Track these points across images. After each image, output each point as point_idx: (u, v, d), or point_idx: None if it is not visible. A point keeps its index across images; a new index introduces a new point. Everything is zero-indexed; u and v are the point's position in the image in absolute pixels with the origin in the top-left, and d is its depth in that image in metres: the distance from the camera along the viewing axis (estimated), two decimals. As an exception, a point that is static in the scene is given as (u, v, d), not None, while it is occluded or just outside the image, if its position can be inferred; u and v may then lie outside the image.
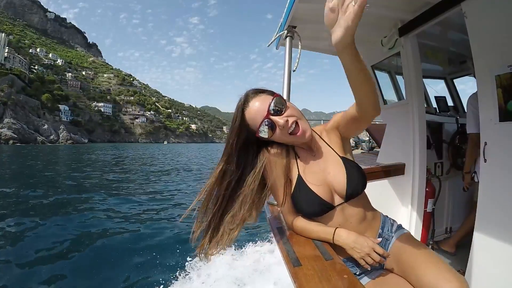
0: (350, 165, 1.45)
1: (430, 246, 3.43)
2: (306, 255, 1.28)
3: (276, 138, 1.41)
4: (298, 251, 1.32)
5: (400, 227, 1.59)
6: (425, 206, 3.35)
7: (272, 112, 1.35)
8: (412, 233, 3.00)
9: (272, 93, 1.41)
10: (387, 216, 1.63)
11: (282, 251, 1.38)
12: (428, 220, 3.42)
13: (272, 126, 1.37)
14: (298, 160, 1.52)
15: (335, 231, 1.40)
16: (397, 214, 3.44)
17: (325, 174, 1.46)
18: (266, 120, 1.36)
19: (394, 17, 3.04)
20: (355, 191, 1.42)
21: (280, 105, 1.36)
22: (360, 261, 1.35)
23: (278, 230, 1.59)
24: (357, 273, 1.46)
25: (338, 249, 1.39)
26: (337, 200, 1.45)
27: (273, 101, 1.36)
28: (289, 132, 1.37)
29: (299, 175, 1.48)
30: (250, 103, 1.39)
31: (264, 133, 1.39)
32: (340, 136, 1.52)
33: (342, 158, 1.47)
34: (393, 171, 3.32)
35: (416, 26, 2.88)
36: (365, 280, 1.46)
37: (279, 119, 1.35)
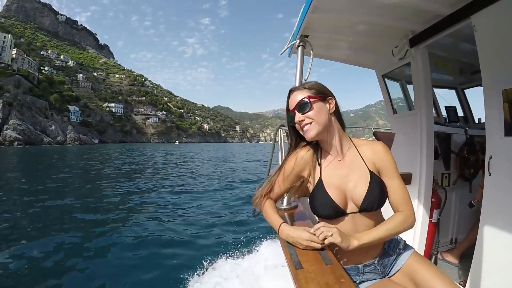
0: (376, 182, 1.51)
1: (434, 257, 3.46)
2: (308, 259, 1.35)
3: (296, 127, 1.62)
4: (301, 255, 1.39)
5: (406, 244, 1.67)
6: (431, 216, 3.38)
7: (297, 107, 1.55)
8: (417, 243, 3.32)
9: (309, 91, 1.56)
10: None
11: (285, 254, 1.44)
12: (433, 230, 3.43)
13: (293, 117, 1.59)
14: (322, 163, 1.63)
15: (280, 225, 1.56)
16: None
17: (346, 181, 1.54)
18: (291, 112, 1.59)
19: (405, 28, 3.07)
20: (369, 206, 1.49)
21: (304, 106, 1.53)
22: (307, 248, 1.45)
23: None
24: (357, 282, 1.57)
25: (341, 256, 1.54)
26: (351, 208, 1.53)
27: (301, 100, 1.54)
28: (301, 129, 1.57)
29: (320, 178, 1.58)
30: (293, 94, 1.60)
31: (289, 118, 1.62)
32: (375, 163, 1.59)
33: (371, 172, 1.54)
34: None
35: (426, 37, 2.93)
36: (363, 285, 1.56)
37: (297, 116, 1.55)
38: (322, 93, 1.57)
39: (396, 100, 4.18)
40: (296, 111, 1.56)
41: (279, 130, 3.27)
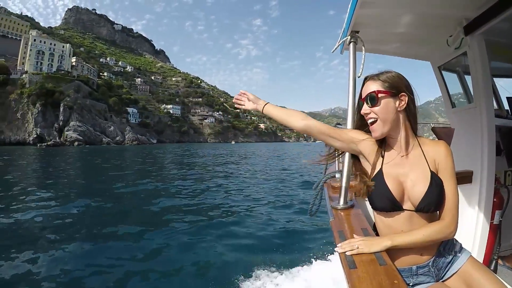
0: (436, 183, 1.50)
1: (494, 262, 3.18)
2: (362, 259, 1.36)
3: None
4: (355, 254, 1.41)
5: (462, 247, 1.64)
6: (492, 218, 3.13)
7: (365, 99, 1.59)
8: (476, 247, 3.10)
9: (381, 84, 1.55)
10: None
11: (340, 254, 1.45)
12: (494, 233, 3.17)
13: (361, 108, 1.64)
14: (386, 156, 1.63)
15: (264, 106, 1.88)
16: (461, 225, 3.17)
17: (405, 178, 1.55)
18: (361, 100, 1.64)
19: (458, 15, 2.93)
20: (427, 207, 1.48)
21: (371, 100, 1.55)
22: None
23: (339, 234, 1.66)
24: (411, 284, 1.56)
25: (395, 257, 1.53)
26: (407, 206, 1.53)
27: (370, 93, 1.56)
28: (368, 123, 1.62)
29: (381, 169, 1.59)
30: (367, 82, 1.62)
31: (358, 107, 1.68)
32: (435, 162, 1.58)
33: (432, 173, 1.53)
34: (460, 179, 3.05)
35: (482, 24, 2.78)
36: None
37: (364, 108, 1.60)
38: (395, 88, 1.54)
39: (457, 95, 3.99)
40: (364, 102, 1.58)
41: None
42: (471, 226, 3.13)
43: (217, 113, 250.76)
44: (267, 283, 4.67)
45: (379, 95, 1.53)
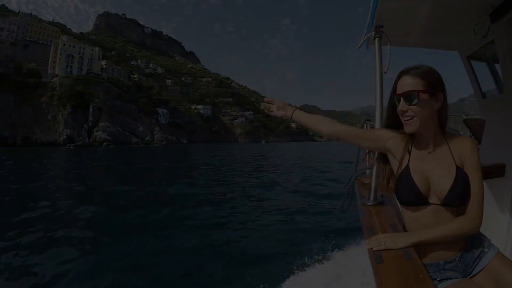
0: (461, 178, 1.51)
1: None
2: (389, 254, 1.38)
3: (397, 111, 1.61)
4: (383, 250, 1.43)
5: (491, 243, 1.62)
6: None
7: (404, 96, 1.53)
8: (510, 242, 2.93)
9: (421, 82, 1.50)
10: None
11: (368, 249, 1.47)
12: None
13: (397, 102, 1.60)
14: (412, 152, 1.65)
15: (293, 113, 1.91)
16: (493, 221, 3.08)
17: (431, 172, 1.56)
18: (396, 96, 1.58)
19: (483, 3, 2.84)
20: (452, 201, 1.49)
21: (411, 98, 1.50)
22: None
23: (368, 230, 1.67)
24: (438, 279, 1.55)
25: (422, 251, 1.54)
26: (433, 200, 1.54)
27: (410, 92, 1.51)
28: (403, 119, 1.59)
29: (407, 165, 1.61)
30: (405, 75, 1.56)
31: (392, 100, 1.65)
32: (461, 158, 1.58)
33: (458, 167, 1.53)
34: (492, 172, 3.07)
35: (508, 10, 2.67)
36: (443, 284, 1.54)
37: (401, 105, 1.54)
38: (434, 88, 1.52)
39: (494, 92, 3.77)
40: (402, 98, 1.54)
41: (365, 124, 3.27)
42: (504, 220, 2.98)
43: (248, 113, 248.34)
44: (297, 276, 4.72)
45: (420, 94, 1.49)
